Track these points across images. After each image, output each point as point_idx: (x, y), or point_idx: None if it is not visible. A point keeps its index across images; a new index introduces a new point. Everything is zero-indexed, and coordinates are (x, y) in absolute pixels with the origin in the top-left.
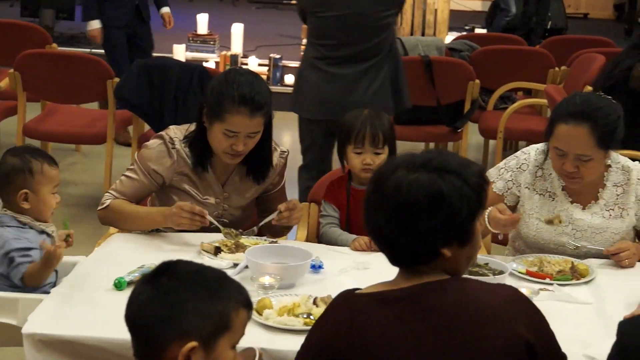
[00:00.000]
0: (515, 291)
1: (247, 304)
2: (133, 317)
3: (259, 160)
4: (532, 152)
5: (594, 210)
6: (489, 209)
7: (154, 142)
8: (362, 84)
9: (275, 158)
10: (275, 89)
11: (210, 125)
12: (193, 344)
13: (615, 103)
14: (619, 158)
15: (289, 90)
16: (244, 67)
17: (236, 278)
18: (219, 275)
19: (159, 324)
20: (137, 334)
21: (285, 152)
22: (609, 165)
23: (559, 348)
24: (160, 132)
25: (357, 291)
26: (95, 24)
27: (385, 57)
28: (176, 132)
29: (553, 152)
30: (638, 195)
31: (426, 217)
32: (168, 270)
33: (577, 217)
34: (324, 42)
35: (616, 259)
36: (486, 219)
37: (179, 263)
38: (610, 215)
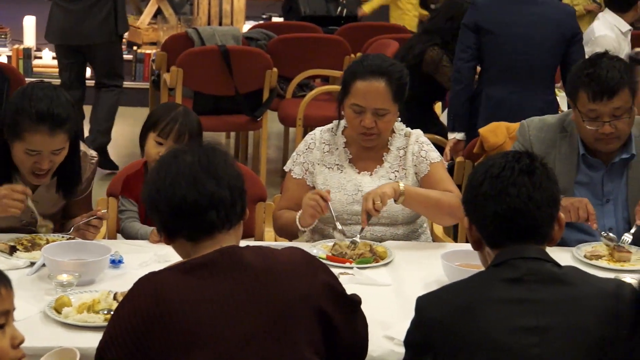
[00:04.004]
0: (304, 250)
1: None
2: None
3: (67, 176)
4: (317, 132)
5: (380, 174)
6: (299, 212)
7: None
8: (90, 16)
9: (85, 165)
10: None
11: (11, 144)
12: None
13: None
14: (402, 126)
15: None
16: (38, 60)
17: (33, 277)
18: None
19: None
20: None
21: (95, 157)
22: (394, 132)
23: (348, 296)
24: None
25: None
26: None
27: None
28: None
29: (350, 111)
30: (414, 153)
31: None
32: None
33: (366, 184)
34: None
35: (371, 213)
36: (297, 218)
37: None
38: (396, 176)
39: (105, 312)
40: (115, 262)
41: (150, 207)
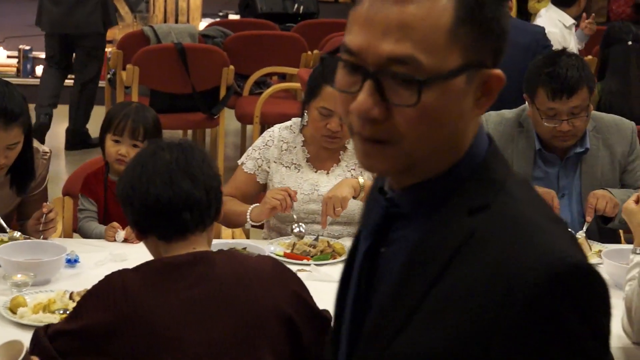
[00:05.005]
0: (276, 260)
1: None
2: None
3: (20, 171)
4: (276, 129)
5: (337, 173)
6: (251, 206)
7: None
8: (79, 8)
9: (38, 161)
10: (27, 81)
11: None
12: None
13: None
14: None
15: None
16: None
17: None
18: None
19: None
20: None
21: (48, 152)
22: None
23: (320, 311)
24: None
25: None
26: None
27: None
28: None
29: (317, 113)
30: None
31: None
32: None
33: (323, 183)
34: None
35: (331, 216)
36: (249, 212)
37: None
38: (352, 175)
39: (61, 311)
40: (71, 262)
41: (124, 203)
